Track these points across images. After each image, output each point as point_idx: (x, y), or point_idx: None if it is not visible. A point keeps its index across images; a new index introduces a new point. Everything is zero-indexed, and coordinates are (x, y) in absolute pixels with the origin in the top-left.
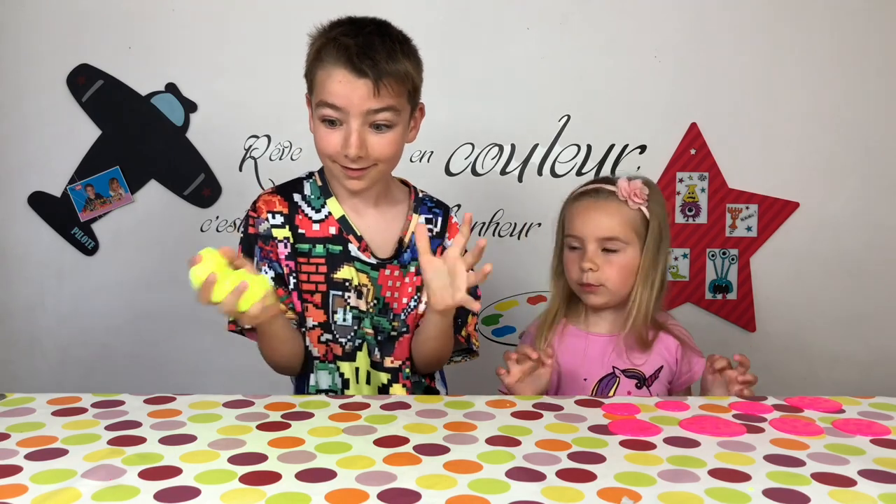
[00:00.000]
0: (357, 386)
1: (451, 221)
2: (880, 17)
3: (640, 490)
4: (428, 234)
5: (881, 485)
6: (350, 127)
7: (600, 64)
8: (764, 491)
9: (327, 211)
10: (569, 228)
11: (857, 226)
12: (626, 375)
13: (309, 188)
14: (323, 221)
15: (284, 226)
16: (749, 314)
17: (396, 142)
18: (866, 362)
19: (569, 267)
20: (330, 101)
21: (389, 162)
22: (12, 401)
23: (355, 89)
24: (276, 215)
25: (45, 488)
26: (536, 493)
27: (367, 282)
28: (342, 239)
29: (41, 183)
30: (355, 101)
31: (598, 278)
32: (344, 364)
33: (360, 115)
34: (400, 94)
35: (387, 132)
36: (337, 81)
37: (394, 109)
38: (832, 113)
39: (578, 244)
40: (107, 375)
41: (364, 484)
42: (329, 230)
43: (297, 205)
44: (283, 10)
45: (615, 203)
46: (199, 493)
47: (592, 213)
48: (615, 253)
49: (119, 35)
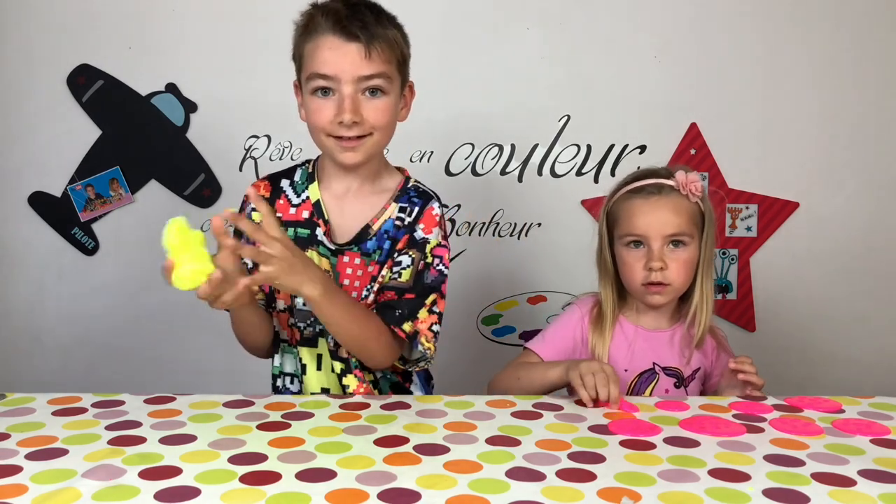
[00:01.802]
0: (317, 373)
1: (431, 213)
2: (880, 17)
3: (640, 490)
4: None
5: (881, 485)
6: (342, 93)
7: (600, 64)
8: (764, 491)
9: (306, 195)
10: (627, 227)
11: (857, 226)
12: (665, 373)
13: (299, 174)
14: (300, 206)
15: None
16: (749, 314)
17: (390, 109)
18: (866, 362)
19: (631, 267)
20: (321, 70)
21: (384, 131)
22: (12, 401)
23: (346, 54)
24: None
25: (45, 488)
26: (536, 493)
27: (329, 267)
28: (312, 223)
29: (41, 183)
30: (346, 67)
31: (666, 277)
32: (304, 349)
33: (353, 82)
34: (390, 61)
35: (381, 97)
36: (327, 49)
37: (385, 76)
38: (832, 113)
39: (641, 242)
40: (107, 375)
41: (364, 484)
42: (302, 214)
43: (282, 189)
44: (283, 11)
45: (677, 197)
46: (199, 493)
47: (657, 209)
48: (680, 249)
49: (119, 35)
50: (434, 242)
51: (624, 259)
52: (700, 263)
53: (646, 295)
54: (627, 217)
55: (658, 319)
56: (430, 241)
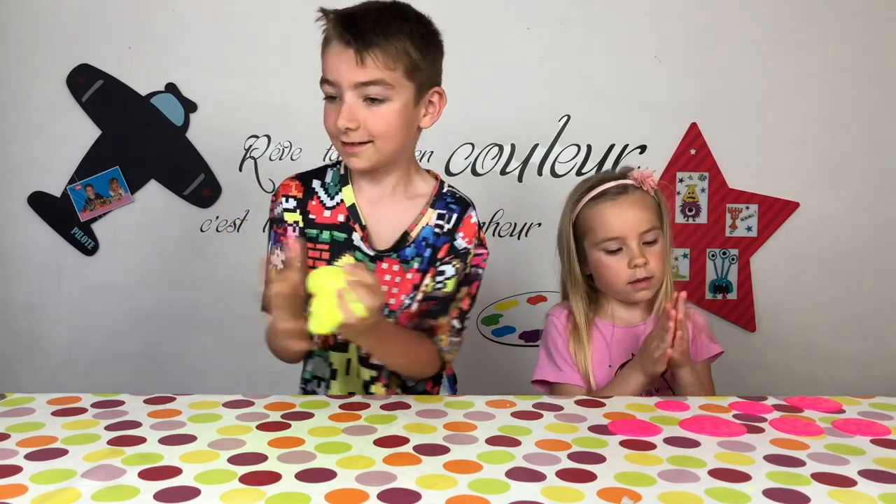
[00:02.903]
0: (345, 377)
1: (469, 221)
2: (880, 17)
3: (640, 490)
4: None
5: (881, 485)
6: (344, 99)
7: (600, 64)
8: (764, 491)
9: (340, 198)
10: (603, 232)
11: (857, 226)
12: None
13: (330, 176)
14: (334, 208)
15: (296, 210)
16: (749, 314)
17: (389, 119)
18: (866, 362)
19: (615, 269)
20: (326, 75)
21: (386, 139)
22: (12, 401)
23: (342, 60)
24: (290, 199)
25: (45, 488)
26: (536, 493)
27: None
28: (348, 227)
29: (41, 183)
30: (343, 73)
31: (649, 270)
32: (335, 354)
33: (351, 88)
34: (391, 69)
35: (380, 106)
36: (332, 54)
37: (384, 83)
38: (832, 113)
39: (618, 245)
40: (107, 375)
41: (364, 484)
42: (338, 217)
43: (314, 191)
44: (284, 10)
45: (640, 194)
46: (199, 493)
47: (628, 209)
48: (653, 243)
49: (119, 35)
50: (473, 252)
51: (604, 264)
52: (666, 253)
53: (632, 293)
54: (601, 223)
55: (632, 314)
56: (470, 251)
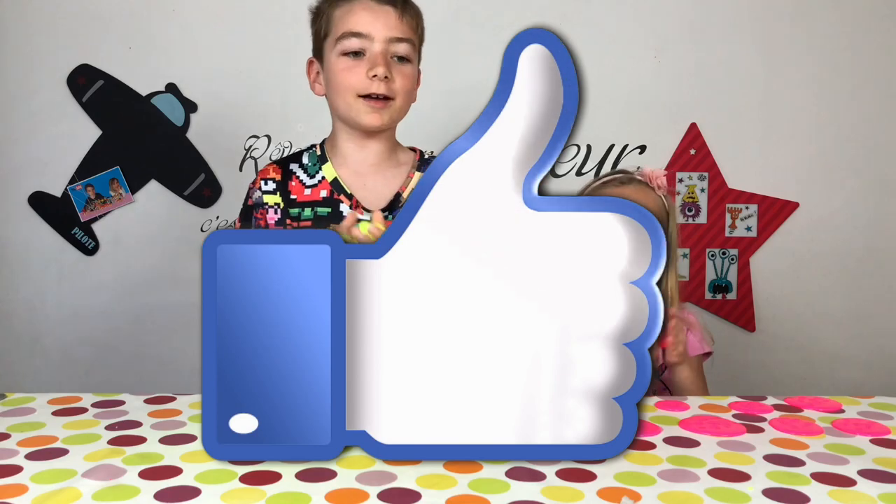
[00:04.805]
0: None
1: None
2: (880, 17)
3: (640, 490)
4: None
5: (881, 485)
6: (374, 52)
7: (600, 64)
8: (764, 491)
9: (321, 176)
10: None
11: (857, 226)
12: None
13: (307, 157)
14: (315, 186)
15: (276, 192)
16: (749, 314)
17: (412, 79)
18: (866, 362)
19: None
20: (355, 28)
21: (405, 98)
22: (12, 401)
23: (379, 17)
24: (269, 182)
25: (46, 488)
26: (536, 493)
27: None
28: (333, 200)
29: (41, 183)
30: (380, 27)
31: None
32: None
33: (384, 42)
34: (414, 32)
35: (406, 64)
36: (362, 9)
37: (412, 43)
38: (832, 113)
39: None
40: (107, 375)
41: (364, 484)
42: (320, 194)
43: (293, 172)
44: (283, 11)
45: (645, 188)
46: (199, 493)
47: (631, 198)
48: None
49: (119, 35)
50: None
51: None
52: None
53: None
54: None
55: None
56: None
